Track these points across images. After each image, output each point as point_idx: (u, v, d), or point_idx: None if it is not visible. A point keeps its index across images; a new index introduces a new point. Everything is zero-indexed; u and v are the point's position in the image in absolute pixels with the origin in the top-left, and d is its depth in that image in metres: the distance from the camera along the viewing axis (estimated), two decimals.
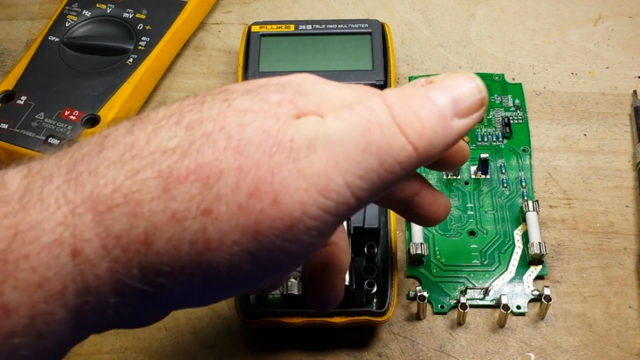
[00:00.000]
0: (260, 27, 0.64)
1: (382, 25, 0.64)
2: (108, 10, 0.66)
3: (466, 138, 0.61)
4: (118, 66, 0.63)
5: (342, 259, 0.42)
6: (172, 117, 0.34)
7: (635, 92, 0.63)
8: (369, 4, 0.70)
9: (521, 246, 0.56)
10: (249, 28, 0.64)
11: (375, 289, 0.51)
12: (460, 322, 0.53)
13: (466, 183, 0.59)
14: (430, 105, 0.34)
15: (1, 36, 0.70)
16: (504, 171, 0.59)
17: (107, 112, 0.60)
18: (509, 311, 0.52)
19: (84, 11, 0.66)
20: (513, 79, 0.65)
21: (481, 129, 0.61)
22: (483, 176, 0.59)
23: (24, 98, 0.61)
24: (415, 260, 0.56)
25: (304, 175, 0.32)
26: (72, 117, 0.60)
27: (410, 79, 0.65)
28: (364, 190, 0.33)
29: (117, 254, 0.32)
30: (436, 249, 0.56)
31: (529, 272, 0.55)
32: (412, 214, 0.42)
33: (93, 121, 0.60)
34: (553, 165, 0.60)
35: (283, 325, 0.51)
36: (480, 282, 0.55)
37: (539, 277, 0.55)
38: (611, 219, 0.57)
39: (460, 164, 0.43)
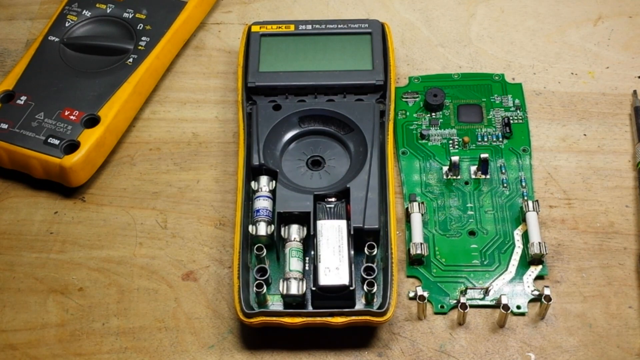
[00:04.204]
0: (260, 27, 0.64)
1: (382, 25, 0.64)
2: (108, 10, 0.66)
3: (466, 138, 0.61)
4: (118, 66, 0.63)
5: None
6: None
7: (635, 92, 0.63)
8: (368, 4, 0.70)
9: (521, 246, 0.56)
10: (249, 28, 0.64)
11: (375, 289, 0.51)
12: (460, 322, 0.53)
13: (466, 183, 0.59)
14: None
15: (1, 36, 0.70)
16: (504, 171, 0.59)
17: (107, 112, 0.60)
18: (509, 311, 0.52)
19: (84, 11, 0.66)
20: (513, 79, 0.65)
21: (481, 129, 0.61)
22: (483, 176, 0.59)
23: (23, 98, 0.61)
24: (416, 260, 0.56)
25: None
26: (72, 117, 0.60)
27: (410, 78, 0.65)
28: None
29: None
30: (436, 249, 0.56)
31: (529, 272, 0.55)
32: None
33: (93, 121, 0.60)
34: (553, 165, 0.60)
35: (283, 325, 0.51)
36: (480, 282, 0.55)
37: (539, 277, 0.55)
38: (611, 219, 0.57)
39: None
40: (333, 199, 0.55)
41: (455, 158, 0.58)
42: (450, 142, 0.61)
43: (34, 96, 0.61)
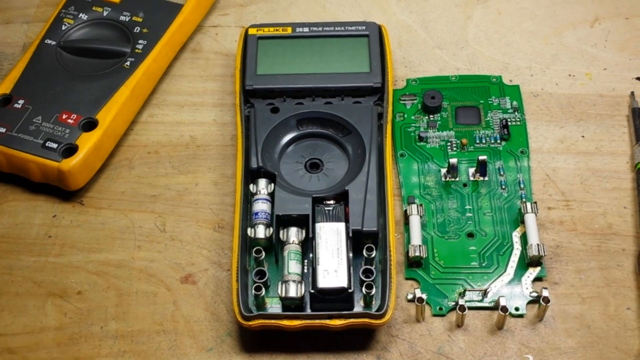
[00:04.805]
0: (257, 30, 0.64)
1: (379, 28, 0.64)
2: (105, 14, 0.66)
3: (464, 140, 0.61)
4: (115, 69, 0.63)
5: None
6: None
7: (632, 93, 0.63)
8: (365, 7, 0.70)
9: (520, 248, 0.56)
10: (246, 31, 0.64)
11: (373, 292, 0.51)
12: (458, 324, 0.53)
13: (464, 185, 0.59)
14: None
15: None
16: (502, 173, 0.59)
17: (104, 115, 0.60)
18: (507, 313, 0.52)
19: (81, 14, 0.66)
20: (510, 80, 0.65)
21: (479, 131, 0.61)
22: (481, 178, 0.59)
23: (21, 102, 0.61)
24: (414, 263, 0.56)
25: None
26: (69, 120, 0.59)
27: (408, 81, 0.65)
28: None
29: None
30: (435, 251, 0.56)
31: (527, 273, 0.55)
32: None
33: (91, 124, 0.60)
34: (551, 166, 0.60)
35: (282, 328, 0.51)
36: (478, 284, 0.55)
37: (538, 279, 0.55)
38: (609, 221, 0.57)
39: None
40: (331, 202, 0.55)
41: (453, 160, 0.58)
42: (449, 144, 0.61)
43: (31, 100, 0.61)
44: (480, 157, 0.58)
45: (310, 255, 0.53)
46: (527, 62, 0.66)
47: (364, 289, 0.51)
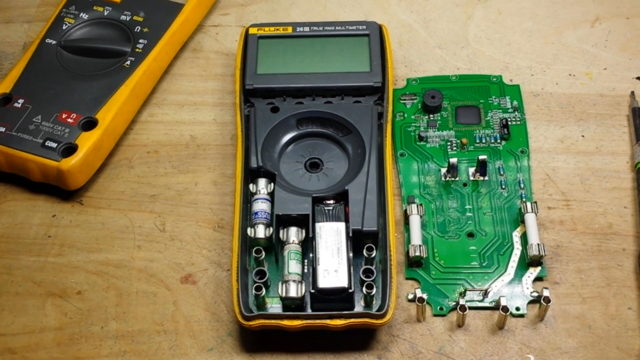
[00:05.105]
0: (257, 29, 0.64)
1: (380, 27, 0.64)
2: (105, 13, 0.66)
3: (464, 139, 0.61)
4: (115, 69, 0.63)
5: None
6: None
7: (632, 93, 0.63)
8: (366, 6, 0.70)
9: (520, 248, 0.56)
10: (247, 30, 0.64)
11: (374, 292, 0.51)
12: (459, 324, 0.53)
13: (464, 185, 0.59)
14: None
15: None
16: (502, 173, 0.59)
17: (104, 114, 0.60)
18: (508, 313, 0.52)
19: (81, 14, 0.66)
20: (511, 80, 0.65)
21: (479, 130, 0.61)
22: (481, 178, 0.59)
23: (21, 101, 0.61)
24: (414, 262, 0.55)
25: None
26: (69, 120, 0.59)
27: (408, 80, 0.65)
28: None
29: None
30: (435, 250, 0.56)
31: (527, 273, 0.55)
32: None
33: (91, 124, 0.60)
34: (551, 166, 0.60)
35: (282, 328, 0.51)
36: (479, 283, 0.55)
37: (538, 279, 0.55)
38: (610, 220, 0.57)
39: None
40: (331, 201, 0.55)
41: (453, 160, 0.58)
42: (449, 143, 0.61)
43: (31, 99, 0.61)
44: (480, 157, 0.58)
45: (311, 255, 0.53)
46: (528, 61, 0.66)
47: (364, 289, 0.51)
